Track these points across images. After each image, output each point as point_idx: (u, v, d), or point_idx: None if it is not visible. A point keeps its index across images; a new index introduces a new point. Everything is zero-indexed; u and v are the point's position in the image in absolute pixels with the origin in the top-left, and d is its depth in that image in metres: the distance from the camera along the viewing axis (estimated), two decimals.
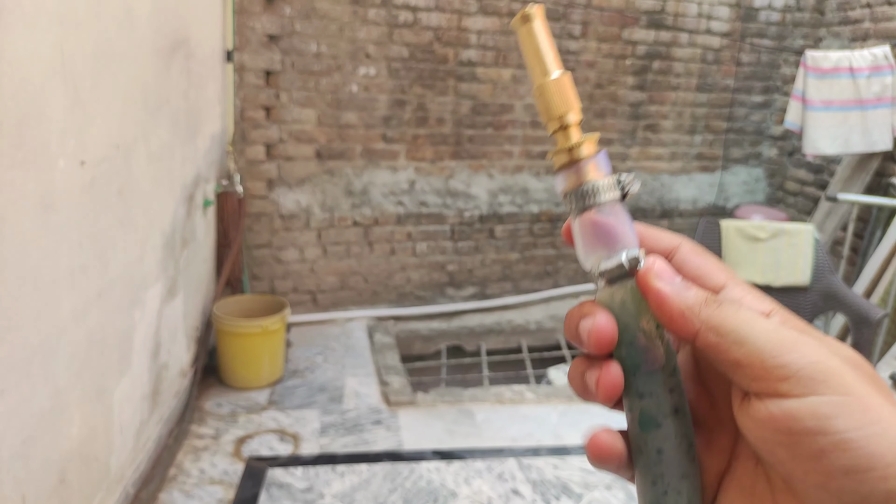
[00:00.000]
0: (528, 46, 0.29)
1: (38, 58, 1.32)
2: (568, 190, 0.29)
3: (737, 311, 0.25)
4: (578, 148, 0.28)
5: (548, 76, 0.29)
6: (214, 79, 2.82)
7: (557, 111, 0.29)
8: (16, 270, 1.28)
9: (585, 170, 0.28)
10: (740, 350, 0.24)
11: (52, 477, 1.47)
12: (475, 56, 3.45)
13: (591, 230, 0.28)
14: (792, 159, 4.13)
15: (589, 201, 0.28)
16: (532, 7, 0.30)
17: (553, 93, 0.29)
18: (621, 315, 0.28)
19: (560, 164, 0.29)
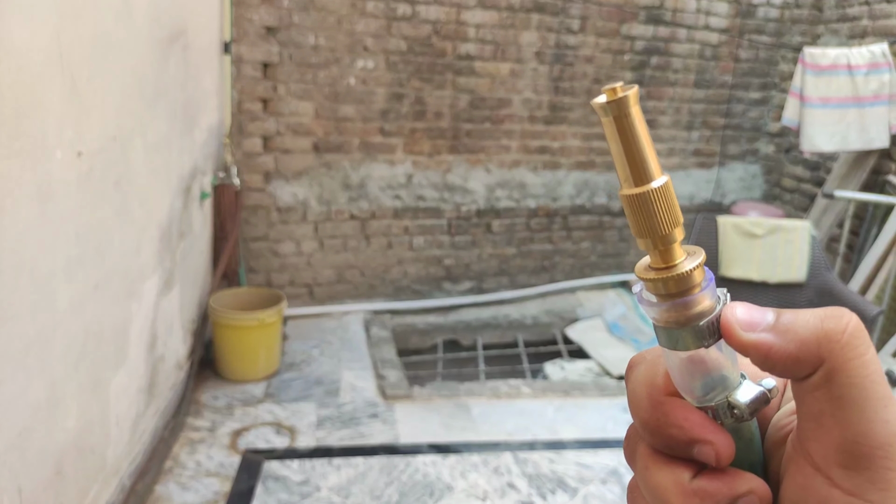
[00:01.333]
0: (618, 140, 0.23)
1: (35, 47, 1.32)
2: (674, 322, 0.24)
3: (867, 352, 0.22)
4: (691, 275, 0.23)
5: (648, 184, 0.23)
6: (212, 70, 2.80)
7: (662, 229, 0.23)
8: (12, 261, 1.27)
9: (698, 300, 0.24)
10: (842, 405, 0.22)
11: (49, 468, 1.47)
12: (473, 50, 3.45)
13: (706, 365, 0.24)
14: (789, 156, 4.14)
15: (708, 339, 0.23)
16: (624, 87, 0.23)
17: (658, 206, 0.23)
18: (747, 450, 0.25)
19: (662, 291, 0.24)
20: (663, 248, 0.24)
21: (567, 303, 3.90)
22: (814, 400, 0.22)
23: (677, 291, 0.24)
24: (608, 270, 4.06)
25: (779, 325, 0.23)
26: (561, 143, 3.76)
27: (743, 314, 0.23)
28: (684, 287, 0.24)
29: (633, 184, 0.23)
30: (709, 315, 0.24)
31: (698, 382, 0.24)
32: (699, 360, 0.24)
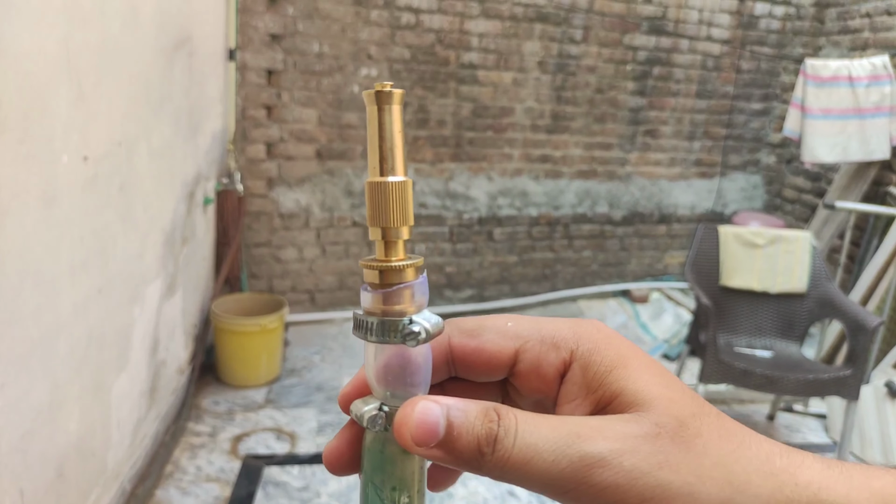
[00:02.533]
0: (375, 131, 0.25)
1: (43, 53, 1.33)
2: (374, 311, 0.25)
3: (512, 455, 0.24)
4: (402, 270, 0.25)
5: (390, 176, 0.25)
6: (216, 77, 2.82)
7: (391, 222, 0.25)
8: (17, 265, 1.28)
9: (403, 296, 0.25)
10: (530, 489, 0.24)
11: (50, 471, 1.48)
12: (476, 59, 3.46)
13: (387, 366, 0.26)
14: (790, 167, 4.15)
15: (395, 336, 0.25)
16: (391, 87, 0.25)
17: (394, 199, 0.25)
18: (371, 462, 0.27)
19: (374, 280, 0.26)
20: (389, 241, 0.25)
21: (568, 311, 3.90)
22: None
23: (387, 283, 0.25)
24: (609, 279, 4.07)
25: (446, 443, 0.24)
26: (563, 152, 3.77)
27: (418, 425, 0.24)
28: (395, 280, 0.25)
29: (378, 173, 0.25)
30: (406, 316, 0.25)
31: (381, 381, 0.26)
32: (394, 357, 0.26)
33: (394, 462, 0.26)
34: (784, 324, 2.68)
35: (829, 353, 2.90)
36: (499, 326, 0.28)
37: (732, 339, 2.68)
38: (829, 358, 2.89)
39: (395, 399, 0.26)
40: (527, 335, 0.27)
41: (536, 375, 0.27)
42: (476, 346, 0.27)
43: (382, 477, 0.26)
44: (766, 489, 0.23)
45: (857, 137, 3.13)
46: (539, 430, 0.24)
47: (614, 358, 0.26)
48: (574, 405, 0.26)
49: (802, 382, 2.27)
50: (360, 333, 0.26)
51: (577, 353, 0.26)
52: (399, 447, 0.26)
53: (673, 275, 4.23)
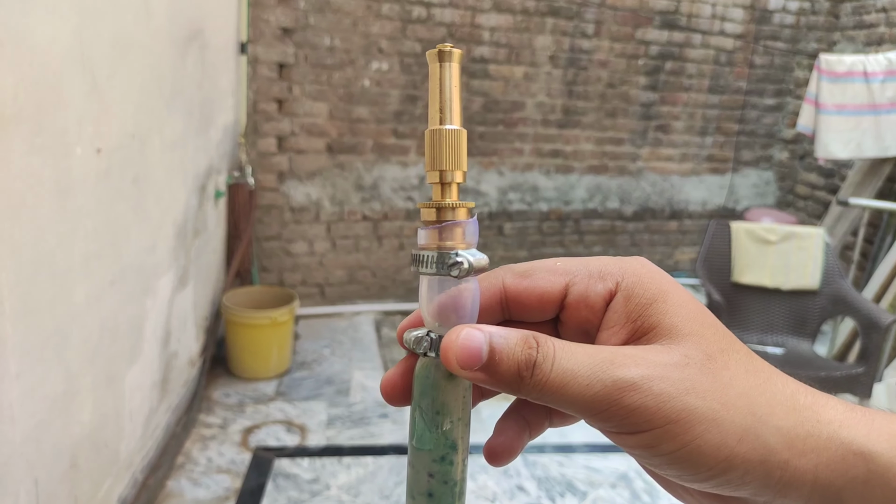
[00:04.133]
0: (436, 85, 0.28)
1: (57, 45, 1.34)
2: (428, 246, 0.28)
3: (550, 378, 0.25)
4: (455, 209, 0.28)
5: (446, 124, 0.27)
6: (228, 70, 2.83)
7: (446, 164, 0.27)
8: (32, 255, 1.29)
9: (454, 233, 0.28)
10: (566, 410, 0.26)
11: (64, 461, 1.49)
12: (488, 53, 3.45)
13: (438, 297, 0.28)
14: (803, 163, 4.12)
15: (445, 268, 0.27)
16: (451, 47, 0.28)
17: (449, 144, 0.27)
18: (419, 387, 0.28)
19: (430, 218, 0.28)
20: (444, 182, 0.28)
21: None
22: None
23: (440, 219, 0.28)
24: None
25: (488, 366, 0.26)
26: (574, 147, 3.76)
27: (462, 349, 0.26)
28: (448, 217, 0.27)
29: (437, 122, 0.27)
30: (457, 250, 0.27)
31: (434, 312, 0.28)
32: (436, 287, 0.28)
33: (438, 387, 0.28)
34: (796, 321, 2.66)
35: (842, 350, 2.88)
36: (548, 266, 0.30)
37: (744, 335, 2.67)
38: (842, 355, 2.87)
39: (443, 329, 0.28)
40: (575, 270, 0.29)
41: (585, 305, 0.28)
42: (528, 285, 0.29)
43: (428, 401, 0.28)
44: (788, 422, 0.25)
45: (871, 133, 3.10)
46: (575, 357, 0.26)
47: (655, 292, 0.27)
48: (612, 332, 0.28)
49: (814, 380, 2.26)
50: (414, 267, 0.28)
51: (622, 284, 0.28)
52: (444, 374, 0.28)
53: (684, 271, 4.21)
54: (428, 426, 0.28)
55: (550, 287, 0.29)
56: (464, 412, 0.28)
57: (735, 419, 0.24)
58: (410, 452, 0.29)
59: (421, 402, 0.28)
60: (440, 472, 0.28)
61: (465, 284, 0.27)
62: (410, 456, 0.29)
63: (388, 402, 0.30)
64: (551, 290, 0.29)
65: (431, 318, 0.28)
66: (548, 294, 0.29)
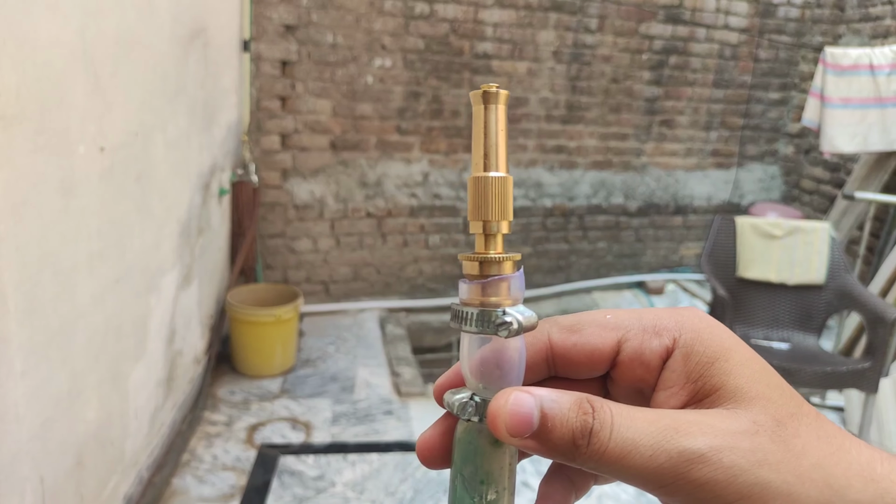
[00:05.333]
0: (480, 129, 0.26)
1: (60, 43, 1.34)
2: (471, 302, 0.26)
3: (608, 448, 0.24)
4: (500, 263, 0.26)
5: (492, 171, 0.26)
6: (231, 68, 2.83)
7: (491, 215, 0.26)
8: (36, 254, 1.29)
9: (500, 288, 0.26)
10: (625, 481, 0.24)
11: (70, 459, 1.49)
12: (491, 49, 3.45)
13: (482, 357, 0.26)
14: (808, 157, 4.10)
15: (490, 327, 0.25)
16: (497, 88, 0.26)
17: (495, 194, 0.26)
18: (461, 454, 0.27)
19: (472, 272, 0.26)
20: (488, 234, 0.26)
21: (582, 303, 3.89)
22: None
23: (485, 274, 0.26)
24: (624, 271, 4.05)
25: (540, 434, 0.24)
26: (578, 143, 3.75)
27: (511, 415, 0.24)
28: (493, 272, 0.26)
29: (481, 168, 0.26)
30: (504, 308, 0.25)
31: (476, 373, 0.26)
32: (488, 349, 0.26)
33: (483, 454, 0.26)
34: (802, 316, 2.65)
35: (848, 345, 2.87)
36: (598, 319, 0.28)
37: (749, 331, 2.66)
38: (848, 350, 2.86)
39: (488, 391, 0.26)
40: (628, 325, 0.27)
41: (640, 363, 0.27)
42: (577, 341, 0.27)
43: (471, 469, 0.26)
44: (867, 495, 0.23)
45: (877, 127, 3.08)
46: (635, 424, 0.24)
47: (717, 349, 0.26)
48: (671, 392, 0.26)
49: (820, 375, 2.25)
50: (456, 323, 0.26)
51: (680, 340, 0.26)
52: (489, 439, 0.26)
53: (689, 266, 4.20)
54: (470, 495, 0.26)
55: (602, 343, 0.27)
56: (509, 481, 0.27)
57: (811, 493, 0.23)
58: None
59: (463, 470, 0.26)
60: None
61: (512, 342, 0.26)
62: None
63: (426, 465, 0.29)
64: (603, 346, 0.27)
65: (475, 379, 0.26)
66: (599, 351, 0.27)
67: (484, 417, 0.25)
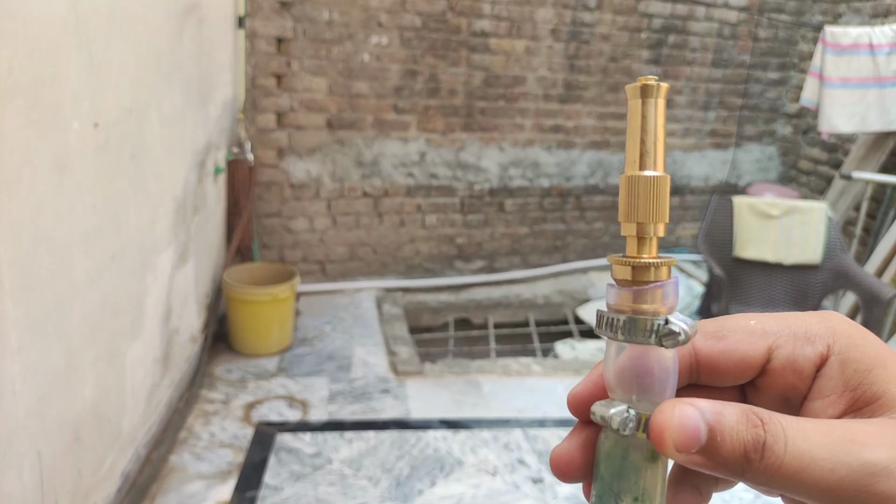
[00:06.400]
0: (637, 124, 0.25)
1: (52, 17, 1.32)
2: (623, 309, 0.24)
3: (783, 462, 0.22)
4: (656, 268, 0.24)
5: (647, 170, 0.24)
6: (226, 45, 2.80)
7: (646, 217, 0.24)
8: (31, 231, 1.29)
9: (655, 295, 0.24)
10: (798, 497, 0.23)
11: (67, 435, 1.50)
12: (488, 26, 3.41)
13: (637, 368, 0.25)
14: (806, 137, 4.09)
15: (646, 336, 0.24)
16: (657, 80, 0.25)
17: (651, 194, 0.24)
18: (612, 469, 0.25)
19: (624, 277, 0.25)
20: (642, 237, 0.25)
21: (579, 283, 3.89)
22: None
23: (639, 280, 0.24)
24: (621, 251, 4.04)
25: (708, 449, 0.23)
26: (575, 123, 3.73)
27: (680, 429, 0.23)
28: (647, 278, 0.24)
29: (637, 167, 0.24)
30: (660, 316, 0.24)
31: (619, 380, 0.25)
32: (634, 356, 0.25)
33: (637, 470, 0.25)
34: (798, 295, 2.66)
35: None
36: (743, 325, 0.26)
37: (745, 310, 2.67)
38: None
39: (641, 403, 0.25)
40: (776, 331, 0.26)
41: (792, 372, 0.26)
42: (724, 348, 0.26)
43: (626, 486, 0.25)
44: None
45: (876, 107, 3.07)
46: (809, 437, 0.23)
47: (873, 356, 0.25)
48: (829, 402, 0.25)
49: None
50: (605, 332, 0.25)
51: (834, 347, 0.25)
52: (643, 454, 0.25)
53: (685, 247, 4.20)
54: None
55: (752, 351, 0.26)
56: (662, 497, 0.25)
57: None
58: None
59: (613, 486, 0.25)
60: None
61: (669, 352, 0.25)
62: None
63: (562, 479, 0.27)
64: (753, 354, 0.26)
65: (626, 392, 0.25)
66: (749, 358, 0.26)
67: (641, 432, 0.24)
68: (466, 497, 1.99)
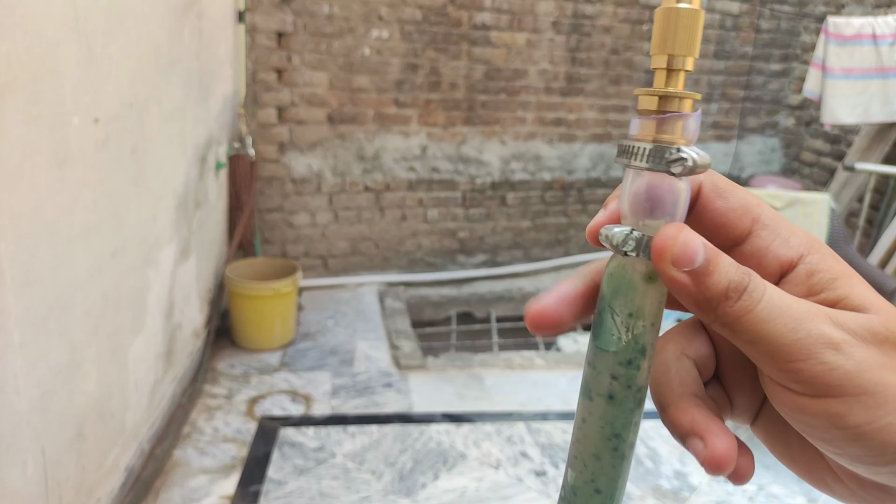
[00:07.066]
0: None
1: (51, 12, 1.31)
2: (644, 138, 0.25)
3: (756, 308, 0.24)
4: (681, 100, 0.25)
5: (683, 2, 0.25)
6: (226, 40, 2.79)
7: (677, 48, 0.25)
8: (31, 226, 1.29)
9: (676, 126, 0.25)
10: (753, 350, 0.24)
11: (70, 431, 1.50)
12: (489, 19, 3.40)
13: (649, 194, 0.26)
14: (809, 129, 4.07)
15: (662, 164, 0.25)
16: None
17: (686, 25, 0.24)
18: (613, 286, 0.26)
19: (649, 107, 0.25)
20: (672, 69, 0.25)
21: None
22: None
23: (663, 110, 0.25)
24: None
25: (698, 273, 0.24)
26: (577, 116, 3.72)
27: (681, 247, 0.24)
28: (672, 108, 0.25)
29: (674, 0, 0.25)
30: (678, 146, 0.25)
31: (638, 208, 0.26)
32: (652, 185, 0.26)
33: (637, 289, 0.26)
34: None
35: None
36: (747, 200, 0.27)
37: None
38: None
39: (648, 228, 0.26)
40: (766, 222, 0.27)
41: (757, 262, 0.27)
42: (720, 206, 0.27)
43: (622, 301, 0.26)
44: None
45: (879, 98, 3.06)
46: (784, 298, 0.24)
47: (842, 269, 0.26)
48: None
49: None
50: (624, 158, 0.26)
51: (807, 257, 0.26)
52: (643, 275, 0.26)
53: None
54: (618, 327, 0.26)
55: (738, 221, 0.27)
56: (657, 317, 0.27)
57: None
58: (592, 352, 0.27)
59: (613, 303, 0.26)
60: (625, 376, 0.26)
61: (680, 182, 0.26)
62: (591, 356, 0.27)
63: (538, 330, 0.28)
64: (738, 224, 0.27)
65: (636, 216, 0.26)
66: (732, 225, 0.27)
67: (642, 253, 0.25)
68: (469, 490, 1.99)
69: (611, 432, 0.27)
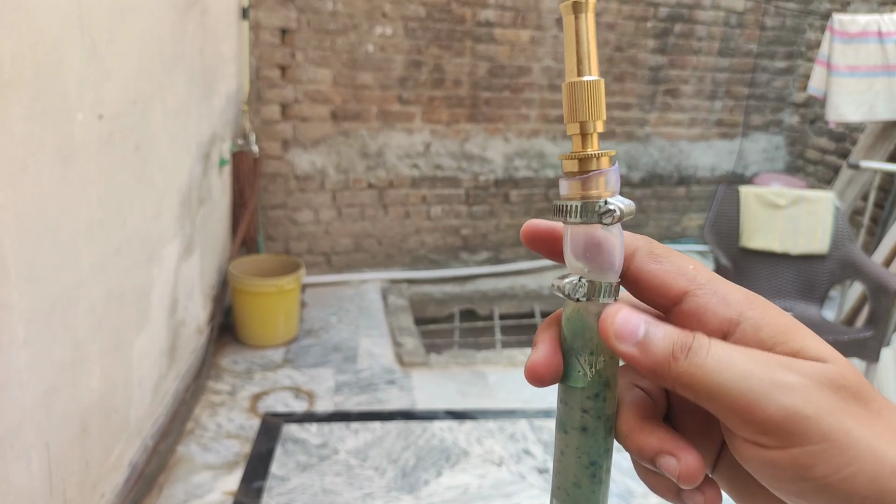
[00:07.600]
0: (572, 37, 0.28)
1: (55, 8, 1.31)
2: (573, 197, 0.28)
3: (705, 363, 0.25)
4: (598, 158, 0.28)
5: (585, 76, 0.27)
6: (230, 36, 2.79)
7: (586, 116, 0.28)
8: (35, 222, 1.29)
9: (599, 182, 0.28)
10: (714, 405, 0.25)
11: (74, 426, 1.50)
12: (493, 16, 3.40)
13: (586, 244, 0.28)
14: (814, 127, 4.06)
15: (594, 217, 0.27)
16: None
17: (586, 96, 0.27)
18: (572, 330, 0.29)
19: (572, 169, 0.28)
20: (585, 133, 0.28)
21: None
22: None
23: (584, 170, 0.28)
24: None
25: (643, 343, 0.26)
26: None
27: (620, 323, 0.26)
28: (592, 167, 0.28)
29: (575, 74, 0.27)
30: (602, 199, 0.28)
31: (580, 258, 0.28)
32: (589, 237, 0.28)
33: (592, 329, 0.28)
34: (805, 285, 2.65)
35: (850, 315, 2.87)
36: (682, 263, 0.29)
37: None
38: (850, 320, 2.86)
39: (591, 274, 0.28)
40: (702, 282, 0.28)
41: (698, 321, 0.27)
42: (654, 269, 0.29)
43: (582, 343, 0.29)
44: None
45: (884, 95, 3.04)
46: (732, 350, 0.25)
47: (788, 322, 0.26)
48: None
49: None
50: (559, 217, 0.29)
51: (747, 314, 0.27)
52: (595, 316, 0.28)
53: (691, 238, 4.18)
54: (583, 365, 0.29)
55: (672, 284, 0.28)
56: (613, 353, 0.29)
57: (889, 452, 0.23)
58: (562, 390, 0.30)
59: (574, 344, 0.29)
60: (594, 408, 0.29)
61: (614, 230, 0.28)
62: (562, 393, 0.30)
63: (538, 383, 0.29)
64: (672, 286, 0.28)
65: (580, 263, 0.28)
66: (665, 288, 0.28)
67: (593, 297, 0.28)
68: (472, 487, 2.00)
69: (588, 461, 0.30)
